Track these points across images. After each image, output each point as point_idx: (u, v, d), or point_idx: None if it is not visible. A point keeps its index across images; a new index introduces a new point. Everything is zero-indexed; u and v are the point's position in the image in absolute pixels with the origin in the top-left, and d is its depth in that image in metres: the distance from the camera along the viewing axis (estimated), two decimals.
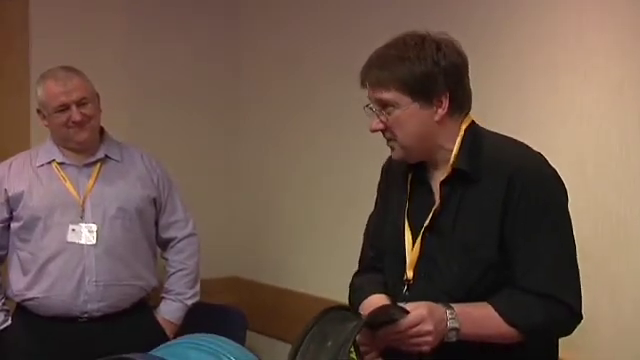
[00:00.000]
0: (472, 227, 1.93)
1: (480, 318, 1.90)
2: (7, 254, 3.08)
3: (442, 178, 1.98)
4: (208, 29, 3.98)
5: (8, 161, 3.10)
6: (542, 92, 2.70)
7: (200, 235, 3.29)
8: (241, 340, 3.28)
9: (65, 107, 2.95)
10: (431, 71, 1.92)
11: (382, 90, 1.95)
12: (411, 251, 2.01)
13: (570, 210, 2.62)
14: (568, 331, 2.00)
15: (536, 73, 2.72)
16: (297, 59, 3.71)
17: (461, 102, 2.00)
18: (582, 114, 2.60)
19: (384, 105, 1.96)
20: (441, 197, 1.98)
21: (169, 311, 3.18)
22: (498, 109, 2.85)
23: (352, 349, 1.80)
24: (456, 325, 1.86)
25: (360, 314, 1.90)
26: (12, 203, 3.02)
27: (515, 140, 2.05)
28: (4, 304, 3.08)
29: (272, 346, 3.77)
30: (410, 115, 1.94)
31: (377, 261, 2.16)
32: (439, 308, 1.87)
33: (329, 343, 1.78)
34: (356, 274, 2.24)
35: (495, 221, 1.92)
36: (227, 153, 4.05)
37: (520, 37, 2.76)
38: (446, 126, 1.97)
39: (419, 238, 2.00)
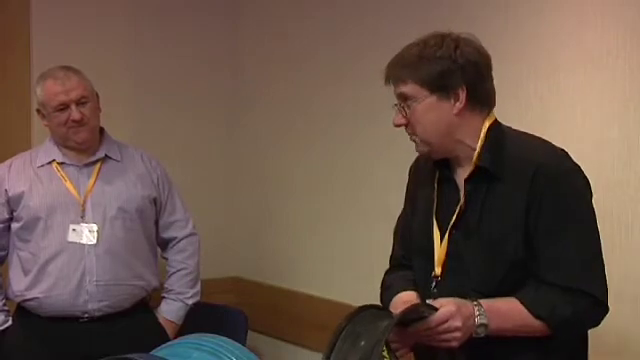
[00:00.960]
0: (497, 224, 1.96)
1: (508, 313, 1.93)
2: (7, 254, 3.08)
3: (465, 176, 2.01)
4: (208, 30, 3.99)
5: (8, 161, 3.10)
6: (543, 92, 2.71)
7: (201, 235, 3.29)
8: (242, 340, 3.29)
9: (64, 106, 2.95)
10: (448, 68, 1.97)
11: (401, 84, 2.01)
12: (439, 248, 2.04)
13: None
14: (596, 322, 2.02)
15: (536, 73, 2.72)
16: (297, 60, 3.71)
17: (481, 98, 2.03)
18: (583, 114, 2.60)
19: (405, 99, 2.01)
20: (465, 195, 2.01)
21: (170, 311, 3.18)
22: (498, 109, 2.85)
23: (384, 347, 1.82)
24: (484, 321, 1.89)
25: (391, 312, 1.92)
26: (12, 203, 3.02)
27: (539, 138, 2.07)
28: (4, 305, 3.08)
29: (273, 346, 3.77)
30: (428, 108, 1.98)
31: (407, 259, 2.20)
32: (467, 304, 1.90)
33: (362, 342, 1.80)
34: (387, 272, 2.27)
35: (519, 218, 1.94)
36: (228, 153, 4.05)
37: (520, 37, 2.76)
38: (466, 121, 2.01)
39: (446, 235, 2.03)
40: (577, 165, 2.02)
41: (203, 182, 3.92)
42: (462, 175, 2.03)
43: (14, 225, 3.03)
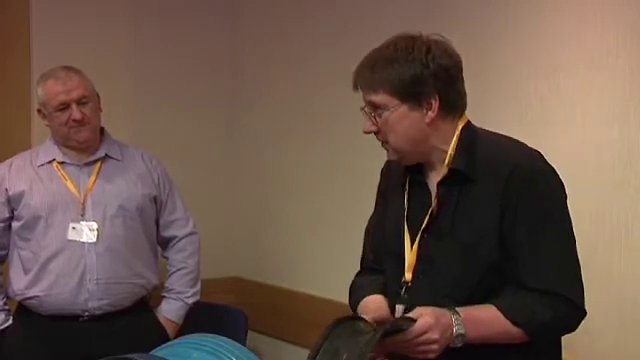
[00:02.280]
0: (470, 227, 1.93)
1: (486, 321, 1.90)
2: (8, 253, 3.08)
3: (439, 179, 1.98)
4: (208, 30, 3.99)
5: (9, 161, 3.10)
6: (543, 92, 2.71)
7: (201, 235, 3.30)
8: (242, 340, 3.29)
9: (65, 106, 2.96)
10: (420, 74, 1.92)
11: (371, 92, 1.96)
12: (410, 253, 2.01)
13: (571, 211, 2.63)
14: (572, 328, 2.00)
15: (536, 73, 2.72)
16: (297, 60, 3.71)
17: (453, 104, 1.99)
18: (583, 115, 2.60)
19: (375, 107, 1.97)
20: (438, 198, 1.97)
21: (170, 310, 3.18)
22: (498, 109, 2.85)
23: None
24: (462, 331, 1.86)
25: (367, 323, 1.90)
26: (13, 202, 3.02)
27: (512, 139, 2.05)
28: (5, 304, 3.08)
29: (273, 346, 3.77)
30: (400, 117, 1.94)
31: (377, 263, 2.17)
32: (445, 315, 1.87)
33: (344, 357, 1.79)
34: (358, 274, 2.25)
35: (493, 221, 1.91)
36: (228, 153, 4.05)
37: (520, 37, 2.76)
38: (438, 128, 1.97)
39: (417, 240, 2.00)
40: (551, 166, 2.00)
41: (203, 182, 3.92)
42: (434, 178, 2.00)
43: (15, 224, 3.03)
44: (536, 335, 1.92)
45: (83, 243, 2.98)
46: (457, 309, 1.88)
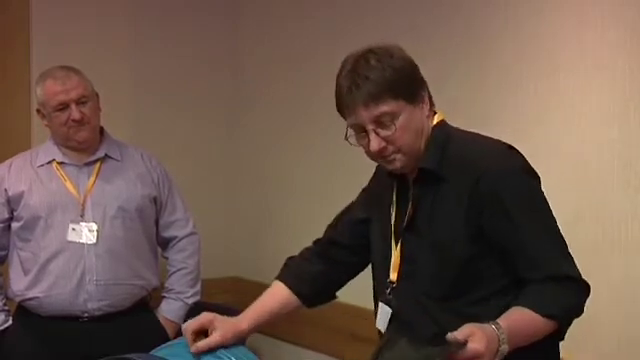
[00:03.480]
0: (444, 226, 1.94)
1: (522, 327, 1.87)
2: (8, 254, 3.08)
3: (414, 176, 1.99)
4: (208, 30, 3.99)
5: (8, 161, 3.10)
6: (543, 92, 2.71)
7: (201, 235, 3.29)
8: (242, 340, 3.28)
9: (64, 106, 2.95)
10: (411, 72, 1.95)
11: (378, 105, 1.90)
12: (395, 253, 2.02)
13: (571, 211, 2.64)
14: (584, 304, 1.99)
15: (537, 73, 2.72)
16: (297, 60, 3.71)
17: (430, 96, 2.00)
18: (583, 114, 2.60)
19: (384, 119, 1.91)
20: (413, 197, 1.98)
21: (170, 310, 3.18)
22: (498, 109, 2.85)
23: None
24: (506, 346, 1.82)
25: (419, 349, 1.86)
26: (12, 203, 3.02)
27: (483, 136, 2.05)
28: (5, 304, 3.08)
29: (273, 346, 3.77)
30: (410, 117, 1.93)
31: (330, 247, 2.22)
32: (493, 334, 1.80)
33: None
34: (308, 249, 2.30)
35: (465, 220, 1.91)
36: (228, 153, 4.05)
37: (520, 37, 2.76)
38: (428, 123, 1.98)
39: (400, 240, 2.00)
40: (522, 161, 1.98)
41: (203, 182, 3.92)
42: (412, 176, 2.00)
43: (14, 225, 3.03)
44: (566, 322, 1.94)
45: (82, 244, 2.98)
46: (500, 323, 1.83)
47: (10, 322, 3.05)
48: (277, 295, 2.21)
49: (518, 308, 1.89)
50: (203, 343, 2.00)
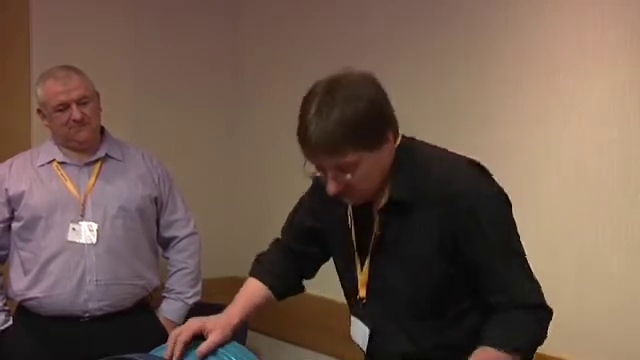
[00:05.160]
0: (416, 247, 1.91)
1: None
2: (8, 254, 3.08)
3: (380, 204, 1.94)
4: (208, 30, 3.99)
5: (9, 161, 3.10)
6: (543, 92, 2.71)
7: (201, 235, 3.29)
8: (241, 340, 3.27)
9: (65, 106, 2.95)
10: (375, 117, 1.84)
11: (339, 157, 1.83)
12: (361, 272, 2.00)
13: (571, 211, 2.64)
14: (547, 331, 1.95)
15: (537, 73, 2.72)
16: (297, 60, 3.71)
17: (397, 125, 1.92)
18: (583, 114, 2.60)
19: (345, 168, 1.85)
20: (381, 223, 1.95)
21: (170, 310, 3.18)
22: (498, 109, 2.85)
23: None
24: None
25: None
26: (13, 203, 3.02)
27: (446, 153, 2.00)
28: (5, 304, 3.08)
29: (272, 346, 3.77)
30: (371, 164, 1.86)
31: (289, 250, 2.22)
32: None
33: None
34: (275, 245, 2.28)
35: (438, 239, 1.89)
36: (228, 153, 4.05)
37: (521, 37, 2.76)
38: (392, 153, 1.92)
39: (367, 260, 1.98)
40: (493, 182, 1.94)
41: (203, 182, 3.92)
42: (376, 200, 1.95)
43: (15, 224, 3.03)
44: (532, 353, 1.91)
45: (83, 244, 2.98)
46: None
47: (10, 322, 3.05)
48: (257, 289, 2.23)
49: (485, 349, 1.86)
50: (205, 346, 2.00)
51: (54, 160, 3.04)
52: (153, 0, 3.88)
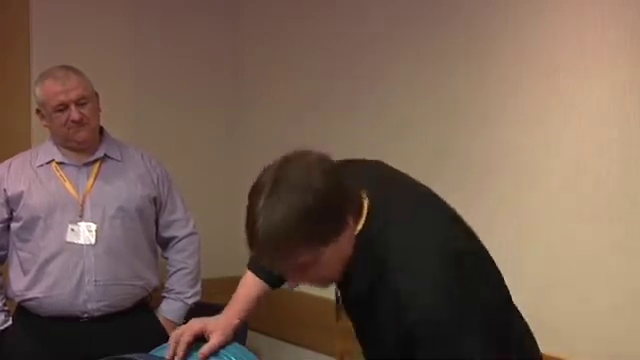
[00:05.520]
0: (376, 332, 1.79)
1: None
2: (7, 254, 3.08)
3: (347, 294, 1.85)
4: (208, 30, 3.98)
5: (7, 161, 3.10)
6: (543, 92, 2.70)
7: (201, 235, 3.29)
8: (241, 340, 3.28)
9: (64, 106, 2.94)
10: (324, 207, 1.67)
11: (290, 257, 1.70)
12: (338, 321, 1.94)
13: (571, 211, 2.63)
14: None
15: (537, 73, 2.72)
16: (297, 60, 3.71)
17: (358, 207, 1.77)
18: (583, 114, 2.60)
19: (298, 267, 1.73)
20: (340, 294, 1.89)
21: (170, 310, 3.18)
22: (498, 109, 2.85)
23: None
24: None
25: None
26: (12, 203, 3.02)
27: (418, 242, 1.75)
28: (5, 305, 3.08)
29: (272, 346, 3.77)
30: (329, 257, 1.71)
31: None
32: None
33: None
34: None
35: (394, 339, 1.74)
36: (228, 153, 4.05)
37: (521, 37, 2.76)
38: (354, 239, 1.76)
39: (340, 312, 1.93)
40: (462, 298, 1.69)
41: (203, 182, 3.92)
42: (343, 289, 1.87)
43: (14, 225, 3.03)
44: None
45: (82, 244, 2.97)
46: None
47: (10, 322, 3.05)
48: (253, 285, 2.22)
49: None
50: (207, 348, 1.99)
51: (53, 160, 3.04)
52: (153, 0, 3.88)
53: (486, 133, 2.88)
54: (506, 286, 1.88)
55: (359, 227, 1.75)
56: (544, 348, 1.97)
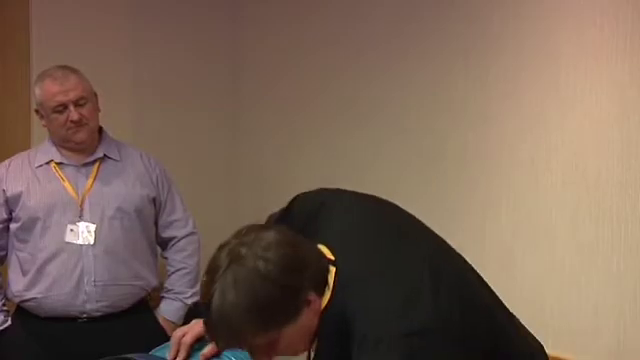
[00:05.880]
0: None
1: None
2: (7, 255, 3.07)
3: None
4: (209, 29, 3.99)
5: (6, 162, 3.09)
6: (543, 92, 2.70)
7: (201, 235, 3.29)
8: None
9: (63, 107, 2.94)
10: (278, 291, 1.62)
11: (250, 341, 1.66)
12: None
13: (572, 211, 2.63)
14: None
15: (537, 73, 2.72)
16: (298, 59, 3.71)
17: (321, 279, 1.70)
18: (583, 114, 2.60)
19: (259, 349, 1.69)
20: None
21: (169, 310, 3.17)
22: (498, 109, 2.85)
23: None
24: None
25: None
26: (11, 204, 3.01)
27: (376, 327, 1.64)
28: (4, 305, 3.07)
29: None
30: (291, 335, 1.67)
31: None
32: None
33: None
34: None
35: None
36: (228, 153, 4.05)
37: (521, 35, 2.76)
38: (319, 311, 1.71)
39: None
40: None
41: (203, 182, 3.91)
42: None
43: (13, 225, 3.02)
44: None
45: (81, 245, 2.97)
46: None
47: (9, 322, 3.05)
48: None
49: None
50: (209, 350, 1.98)
51: (52, 161, 3.03)
52: (154, 0, 3.88)
53: (486, 131, 2.88)
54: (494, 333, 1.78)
55: (325, 300, 1.69)
56: (546, 346, 1.96)
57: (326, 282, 1.70)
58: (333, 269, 1.71)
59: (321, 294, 1.69)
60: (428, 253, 1.78)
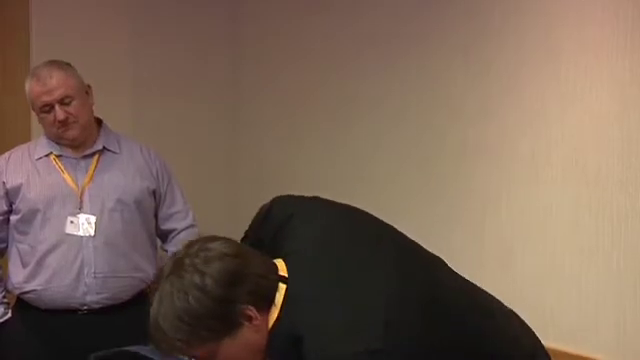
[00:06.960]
0: None
1: None
2: (7, 247, 3.07)
3: None
4: (209, 21, 3.99)
5: (7, 154, 3.08)
6: (543, 90, 2.71)
7: (200, 228, 3.29)
8: None
9: (49, 107, 2.91)
10: (205, 303, 1.66)
11: (189, 350, 1.71)
12: None
13: (572, 209, 2.64)
14: None
15: (537, 71, 2.72)
16: (298, 51, 3.72)
17: (264, 294, 1.71)
18: (583, 109, 2.60)
19: (203, 357, 1.72)
20: None
21: None
22: (498, 107, 2.85)
23: None
24: None
25: None
26: (11, 196, 3.01)
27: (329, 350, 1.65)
28: (4, 297, 3.07)
29: None
30: (233, 349, 1.70)
31: None
32: None
33: None
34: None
35: None
36: (228, 145, 4.05)
37: (522, 32, 2.77)
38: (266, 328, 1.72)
39: None
40: None
41: (203, 175, 3.92)
42: None
43: (13, 217, 3.02)
44: None
45: (81, 237, 2.97)
46: None
47: (9, 315, 3.05)
48: None
49: None
50: None
51: (51, 153, 3.03)
52: None
53: (485, 126, 2.89)
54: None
55: (273, 317, 1.71)
56: (546, 343, 1.97)
57: (272, 299, 1.71)
58: (283, 286, 1.72)
59: (266, 311, 1.70)
60: (395, 261, 1.77)
